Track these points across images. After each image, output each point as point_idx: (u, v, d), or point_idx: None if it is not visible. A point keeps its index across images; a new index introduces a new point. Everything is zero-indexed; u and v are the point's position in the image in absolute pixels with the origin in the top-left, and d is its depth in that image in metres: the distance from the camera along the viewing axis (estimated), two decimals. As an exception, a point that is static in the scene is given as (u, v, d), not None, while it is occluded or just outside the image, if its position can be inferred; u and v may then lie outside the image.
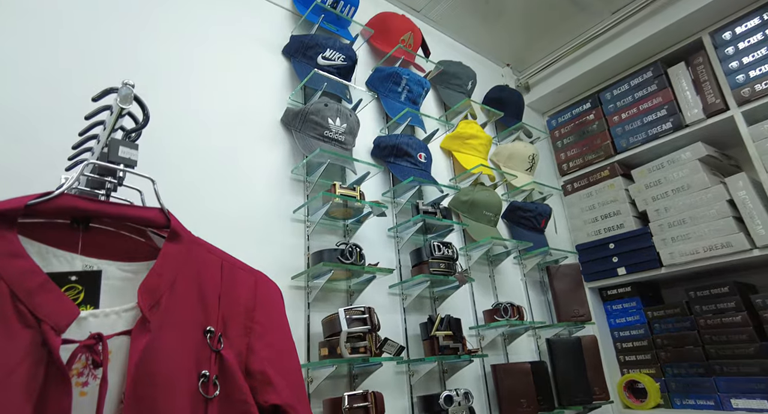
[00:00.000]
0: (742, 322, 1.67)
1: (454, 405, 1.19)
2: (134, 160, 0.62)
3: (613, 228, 2.02)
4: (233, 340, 0.66)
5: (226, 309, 0.67)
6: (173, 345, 0.58)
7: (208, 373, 0.61)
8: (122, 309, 0.57)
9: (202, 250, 0.68)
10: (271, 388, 0.65)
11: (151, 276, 0.59)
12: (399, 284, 1.37)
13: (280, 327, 0.72)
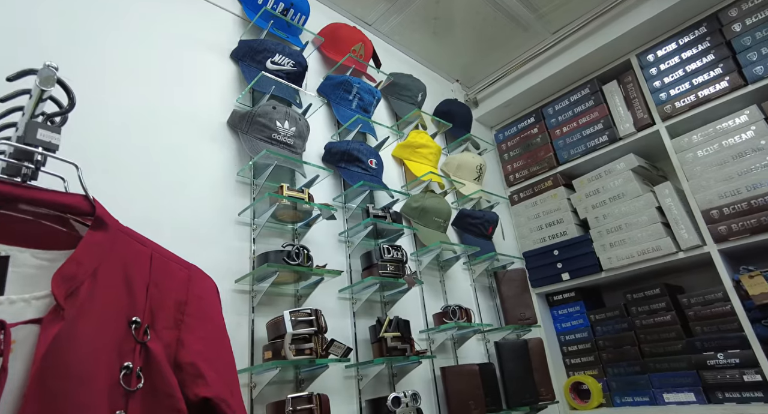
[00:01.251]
0: (671, 321, 1.78)
1: (401, 406, 1.18)
2: (55, 144, 0.59)
3: (556, 235, 2.11)
4: (161, 333, 0.63)
5: (154, 300, 0.64)
6: (91, 335, 0.55)
7: (132, 365, 0.58)
8: (32, 296, 0.54)
9: (131, 241, 0.66)
10: (202, 380, 0.62)
11: (69, 263, 0.56)
12: (349, 288, 1.37)
13: (213, 321, 0.70)
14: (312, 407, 1.00)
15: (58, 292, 0.53)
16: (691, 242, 1.72)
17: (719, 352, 1.63)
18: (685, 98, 1.83)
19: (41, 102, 0.62)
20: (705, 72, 1.79)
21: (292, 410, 0.98)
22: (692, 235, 1.72)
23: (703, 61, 1.80)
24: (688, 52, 1.85)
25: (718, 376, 1.62)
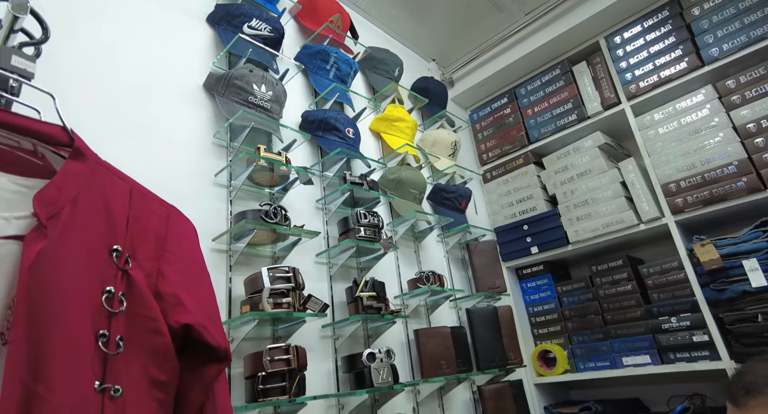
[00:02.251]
0: (632, 290, 1.89)
1: (376, 361, 1.23)
2: (30, 72, 0.59)
3: (526, 211, 2.19)
4: (142, 263, 0.65)
5: (134, 233, 0.65)
6: (73, 258, 0.56)
7: (113, 290, 0.59)
8: (12, 215, 0.54)
9: (110, 174, 0.66)
10: (182, 308, 0.64)
11: (48, 188, 0.57)
12: (326, 252, 1.40)
13: (193, 257, 0.72)
14: (289, 358, 1.03)
15: (40, 212, 0.54)
16: (651, 214, 1.82)
17: (673, 316, 1.74)
18: (648, 78, 1.92)
19: (14, 33, 0.62)
20: (667, 53, 1.89)
21: (270, 360, 1.01)
22: (652, 207, 1.82)
23: (665, 43, 1.90)
24: (652, 34, 1.94)
25: (671, 339, 1.73)
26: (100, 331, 0.56)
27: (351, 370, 1.24)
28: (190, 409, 0.63)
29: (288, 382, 1.01)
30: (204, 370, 0.66)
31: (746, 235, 1.58)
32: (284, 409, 1.11)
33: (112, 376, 0.55)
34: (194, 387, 0.65)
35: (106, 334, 0.56)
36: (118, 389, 0.55)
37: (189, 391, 0.64)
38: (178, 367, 0.63)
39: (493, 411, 1.58)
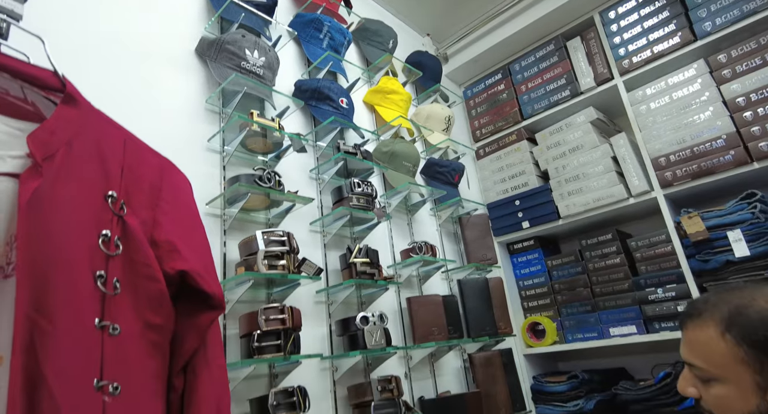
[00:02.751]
0: (620, 263, 1.93)
1: (369, 324, 1.25)
2: (18, 13, 0.59)
3: (518, 186, 2.21)
4: (137, 210, 0.65)
5: (129, 182, 0.66)
6: (69, 199, 0.57)
7: (109, 234, 0.60)
8: (7, 154, 0.54)
9: (104, 122, 0.66)
10: (178, 255, 0.65)
11: (42, 130, 0.57)
12: (320, 220, 1.41)
13: (187, 207, 0.73)
14: (284, 317, 1.05)
15: (35, 151, 0.54)
16: (641, 188, 1.85)
17: (659, 288, 1.79)
18: (641, 53, 1.93)
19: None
20: (660, 28, 1.89)
21: (265, 319, 1.02)
22: (642, 181, 1.85)
23: (659, 18, 1.90)
24: (646, 9, 1.94)
25: (657, 309, 1.78)
26: (98, 272, 0.57)
27: (344, 333, 1.27)
28: (185, 353, 0.65)
29: (283, 340, 1.02)
30: (199, 317, 0.67)
31: (732, 207, 1.62)
32: (279, 370, 1.13)
33: (110, 314, 0.56)
34: (189, 332, 0.66)
35: (104, 275, 0.57)
36: (117, 327, 0.57)
37: (184, 336, 0.66)
38: (173, 312, 0.64)
39: (483, 377, 1.62)
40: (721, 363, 0.72)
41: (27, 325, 0.48)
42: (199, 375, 0.65)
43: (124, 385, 0.55)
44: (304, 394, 1.04)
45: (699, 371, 0.76)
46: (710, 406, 0.75)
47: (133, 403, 0.56)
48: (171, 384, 0.64)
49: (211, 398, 0.64)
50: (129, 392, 0.55)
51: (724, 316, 0.73)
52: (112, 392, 0.53)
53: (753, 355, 0.69)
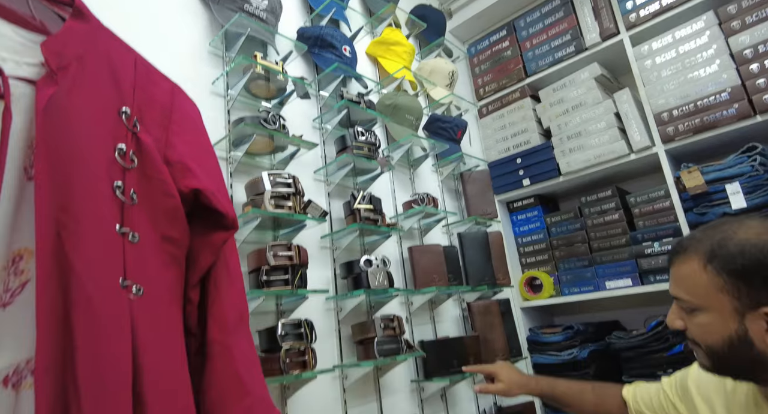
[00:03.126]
0: (619, 219, 1.96)
1: (373, 267, 1.29)
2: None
3: (520, 144, 2.22)
4: (150, 129, 0.66)
5: (141, 100, 0.67)
6: (85, 110, 0.58)
7: (125, 148, 0.62)
8: (23, 60, 0.55)
9: (114, 41, 0.67)
10: (191, 174, 0.67)
11: (55, 40, 0.57)
12: (323, 168, 1.42)
13: (198, 131, 0.74)
14: (291, 254, 1.08)
15: (50, 60, 0.55)
16: (642, 144, 1.85)
17: (655, 242, 1.82)
18: (649, 6, 1.89)
19: None
20: (670, -21, 1.85)
21: (273, 255, 1.05)
22: (644, 137, 1.85)
23: (669, -32, 1.85)
24: (656, -41, 1.89)
25: (652, 262, 1.82)
26: (116, 182, 0.59)
27: (349, 275, 1.31)
28: (200, 268, 0.68)
29: (291, 275, 1.06)
30: (212, 236, 0.70)
31: (731, 160, 1.63)
32: (286, 306, 1.17)
33: (129, 222, 0.59)
34: (203, 250, 0.69)
35: (121, 186, 0.59)
36: (136, 236, 0.59)
37: (198, 252, 0.69)
38: (188, 229, 0.67)
39: (481, 325, 1.68)
40: (704, 293, 0.76)
41: (52, 222, 0.50)
42: (220, 287, 0.68)
43: (146, 288, 0.58)
44: (311, 327, 1.08)
45: (684, 303, 0.80)
46: (694, 335, 0.80)
47: (155, 305, 0.59)
48: (187, 296, 0.67)
49: (236, 308, 0.68)
50: (151, 295, 0.58)
51: (707, 250, 0.77)
52: (135, 292, 0.56)
53: (732, 283, 0.73)
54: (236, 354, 0.67)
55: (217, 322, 0.67)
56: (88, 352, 0.48)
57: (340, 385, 1.27)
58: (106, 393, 0.49)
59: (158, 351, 0.57)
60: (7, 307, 0.50)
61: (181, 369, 0.60)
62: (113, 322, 0.52)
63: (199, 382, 0.66)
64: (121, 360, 0.51)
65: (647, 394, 1.04)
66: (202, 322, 0.68)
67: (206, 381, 0.66)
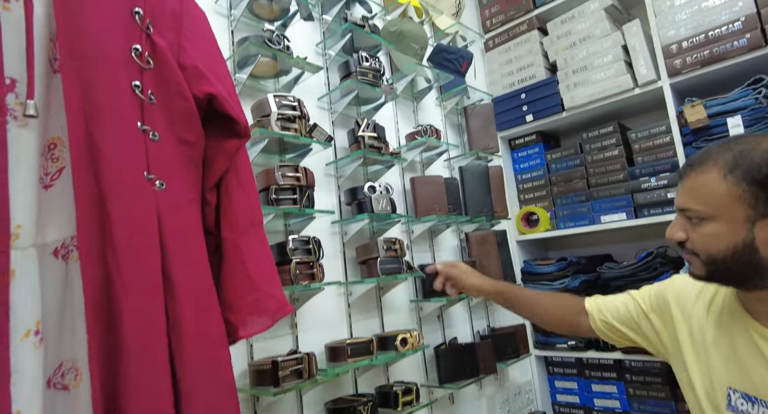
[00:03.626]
0: (618, 155, 1.98)
1: (377, 193, 1.33)
2: None
3: (525, 79, 2.19)
4: (163, 33, 0.67)
5: (152, 4, 0.67)
6: (99, 7, 0.59)
7: (140, 49, 0.63)
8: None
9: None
10: (205, 79, 0.69)
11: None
12: (327, 95, 1.42)
13: (209, 38, 0.75)
14: (299, 175, 1.12)
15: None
16: (647, 77, 1.83)
17: (652, 177, 1.86)
18: (669, -72, 1.79)
19: None
20: None
21: (282, 175, 1.09)
22: (650, 70, 1.83)
23: None
24: None
25: (648, 197, 1.87)
26: (134, 81, 0.61)
27: (353, 200, 1.35)
28: (215, 172, 0.71)
29: (298, 195, 1.10)
30: (226, 142, 0.73)
31: (737, 93, 1.63)
32: (294, 227, 1.23)
33: (149, 120, 0.61)
34: (218, 155, 0.72)
35: (139, 85, 0.61)
36: (156, 135, 0.62)
37: (213, 158, 0.72)
38: (203, 133, 0.70)
39: (478, 253, 1.76)
40: (719, 203, 0.76)
41: (80, 112, 0.53)
42: (231, 193, 0.72)
43: (168, 184, 0.62)
44: (318, 244, 1.15)
45: (693, 213, 0.80)
46: (696, 245, 0.81)
47: (177, 201, 0.63)
48: (205, 198, 0.71)
49: (246, 212, 0.73)
50: (172, 191, 0.62)
51: (728, 161, 0.76)
52: (159, 187, 0.60)
53: (751, 191, 0.74)
54: (246, 253, 0.72)
55: (228, 224, 0.72)
56: (123, 230, 0.53)
57: (345, 300, 1.36)
58: (140, 270, 0.54)
59: (181, 240, 0.62)
60: (48, 189, 0.54)
61: (202, 258, 0.65)
62: (142, 207, 0.56)
63: (217, 277, 0.72)
64: (151, 241, 0.56)
65: (613, 306, 1.04)
66: (218, 224, 0.73)
67: (222, 275, 0.72)
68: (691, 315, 0.95)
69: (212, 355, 0.61)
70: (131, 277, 0.53)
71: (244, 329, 0.70)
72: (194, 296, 0.61)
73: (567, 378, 2.08)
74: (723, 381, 0.86)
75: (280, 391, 0.95)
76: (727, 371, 0.85)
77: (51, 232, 0.53)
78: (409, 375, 1.47)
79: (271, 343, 1.12)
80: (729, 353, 0.85)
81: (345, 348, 1.15)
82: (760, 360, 0.80)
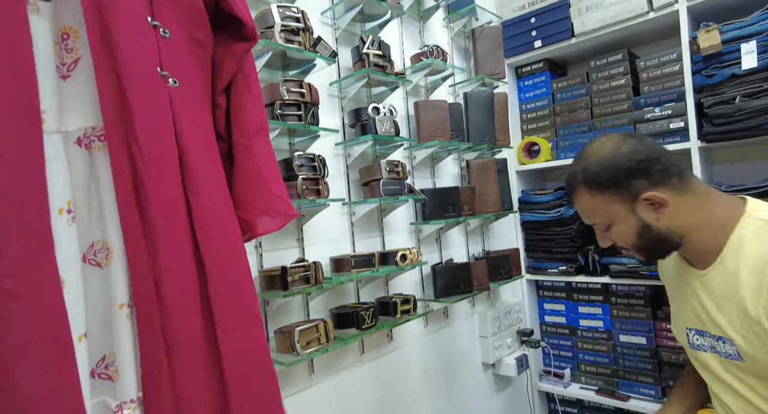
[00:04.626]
0: (625, 84, 1.95)
1: (381, 115, 1.33)
2: None
3: (536, 2, 2.09)
4: None
5: None
6: None
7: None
8: None
9: None
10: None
11: None
12: (331, 8, 1.37)
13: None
14: (303, 91, 1.12)
15: None
16: (663, 0, 1.75)
17: (657, 107, 1.85)
18: None
19: None
20: None
21: (286, 89, 1.09)
22: (668, -9, 1.74)
23: None
24: None
25: (650, 127, 1.87)
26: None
27: (357, 122, 1.36)
28: (225, 75, 0.72)
29: (303, 111, 1.11)
30: (233, 45, 0.73)
31: (756, 16, 1.57)
32: (299, 145, 1.25)
33: (159, 17, 0.61)
34: (227, 59, 0.73)
35: (146, -20, 0.60)
36: (167, 31, 0.62)
37: (222, 61, 0.72)
38: (212, 34, 0.69)
39: (478, 179, 1.79)
40: (603, 212, 0.94)
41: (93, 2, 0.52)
42: (242, 96, 0.74)
43: (181, 83, 0.63)
44: (323, 162, 1.17)
45: (599, 225, 0.97)
46: (619, 243, 0.97)
47: (190, 100, 0.65)
48: (215, 102, 0.73)
49: (256, 116, 0.75)
50: (185, 89, 0.64)
51: (582, 180, 0.94)
52: (172, 84, 0.62)
53: (611, 192, 0.91)
54: (257, 155, 0.75)
55: (239, 128, 0.75)
56: (143, 122, 0.56)
57: (348, 220, 1.41)
58: (161, 161, 0.57)
59: (196, 139, 0.64)
60: (66, 79, 0.56)
61: (216, 157, 0.68)
62: (158, 101, 0.58)
63: (229, 181, 0.75)
64: (168, 134, 0.59)
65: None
66: (228, 129, 0.75)
67: (234, 178, 0.75)
68: (666, 275, 1.14)
69: (232, 245, 0.66)
70: (153, 166, 0.56)
71: (258, 227, 0.74)
72: (212, 191, 0.65)
73: (555, 301, 2.22)
74: (682, 323, 1.04)
75: (289, 293, 1.03)
76: (684, 314, 1.02)
77: (72, 122, 0.56)
78: (407, 289, 1.57)
79: (279, 254, 1.19)
80: (681, 298, 1.02)
81: (349, 260, 1.22)
82: (697, 297, 0.95)
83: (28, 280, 0.47)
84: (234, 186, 0.75)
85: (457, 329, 1.78)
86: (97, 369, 0.60)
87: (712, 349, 0.94)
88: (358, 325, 1.21)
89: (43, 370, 0.47)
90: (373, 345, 1.43)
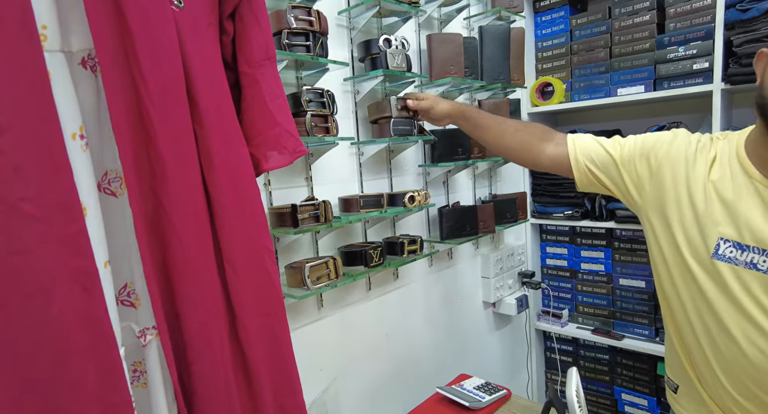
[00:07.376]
0: (649, 20, 1.83)
1: (392, 48, 1.27)
2: None
3: (562, -76, 1.91)
4: None
5: None
6: None
7: None
8: None
9: None
10: None
11: None
12: (338, -71, 1.26)
13: None
14: (312, 20, 1.05)
15: None
16: (704, -77, 1.60)
17: (682, 46, 1.75)
18: None
19: None
20: None
21: (294, 17, 1.02)
22: None
23: None
24: None
25: (672, 68, 1.78)
26: None
27: (367, 55, 1.29)
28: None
29: (312, 42, 1.05)
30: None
31: (801, -56, 1.43)
32: (307, 80, 1.20)
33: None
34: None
35: None
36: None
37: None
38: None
39: (490, 121, 1.74)
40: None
41: None
42: (246, 22, 0.69)
43: (186, 3, 0.59)
44: (332, 98, 1.13)
45: None
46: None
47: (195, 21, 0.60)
48: (222, 27, 0.68)
49: (261, 44, 0.70)
50: (191, 10, 0.59)
51: None
52: (177, 4, 0.57)
53: None
54: (264, 87, 0.72)
55: (245, 57, 0.71)
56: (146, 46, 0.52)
57: (356, 160, 1.39)
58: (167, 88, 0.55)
59: (203, 64, 0.61)
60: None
61: (224, 84, 0.65)
62: (162, 25, 0.54)
63: (237, 111, 0.73)
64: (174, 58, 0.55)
65: (589, 145, 1.06)
66: (234, 57, 0.71)
67: (242, 109, 0.73)
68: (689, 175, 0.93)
69: (242, 180, 0.65)
70: (158, 94, 0.54)
71: (266, 162, 0.73)
72: (220, 123, 0.63)
73: (558, 244, 2.25)
74: (713, 232, 0.89)
75: (299, 231, 1.04)
76: (724, 222, 0.88)
77: (75, 42, 0.52)
78: (414, 230, 1.58)
79: (288, 192, 1.19)
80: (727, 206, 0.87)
81: (358, 200, 1.22)
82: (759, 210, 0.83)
83: (48, 204, 0.46)
84: (242, 119, 0.73)
85: (460, 269, 1.83)
86: (120, 296, 0.62)
87: (747, 265, 0.86)
88: (366, 263, 1.23)
89: (71, 293, 0.48)
90: (379, 282, 1.47)
